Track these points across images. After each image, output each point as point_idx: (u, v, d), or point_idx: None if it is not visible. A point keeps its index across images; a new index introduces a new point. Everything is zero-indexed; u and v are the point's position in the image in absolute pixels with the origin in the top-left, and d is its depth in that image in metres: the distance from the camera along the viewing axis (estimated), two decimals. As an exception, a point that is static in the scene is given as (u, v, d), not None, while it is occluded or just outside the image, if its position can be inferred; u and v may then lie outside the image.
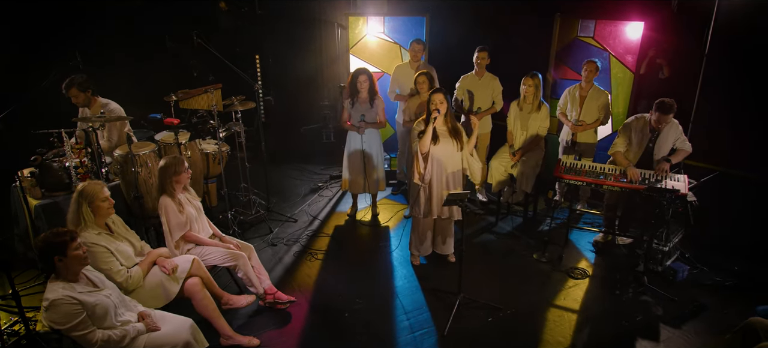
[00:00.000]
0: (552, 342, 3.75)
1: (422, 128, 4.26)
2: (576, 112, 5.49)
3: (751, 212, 5.11)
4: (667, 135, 4.59)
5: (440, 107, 4.16)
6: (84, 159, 4.24)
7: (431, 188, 4.37)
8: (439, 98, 4.18)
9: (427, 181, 4.34)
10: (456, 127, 4.34)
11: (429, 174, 4.33)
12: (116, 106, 4.90)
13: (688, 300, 4.20)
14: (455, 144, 4.30)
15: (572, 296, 4.32)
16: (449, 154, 4.31)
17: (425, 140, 4.19)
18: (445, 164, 4.32)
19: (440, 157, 4.30)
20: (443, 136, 4.28)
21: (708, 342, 3.70)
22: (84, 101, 4.76)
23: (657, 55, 5.82)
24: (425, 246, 4.72)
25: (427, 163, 4.29)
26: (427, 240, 4.71)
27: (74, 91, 4.66)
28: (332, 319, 4.02)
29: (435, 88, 4.36)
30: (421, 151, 4.25)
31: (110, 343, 2.75)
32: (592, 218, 5.66)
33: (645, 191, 4.26)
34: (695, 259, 4.68)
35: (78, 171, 4.23)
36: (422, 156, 4.27)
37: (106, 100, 4.87)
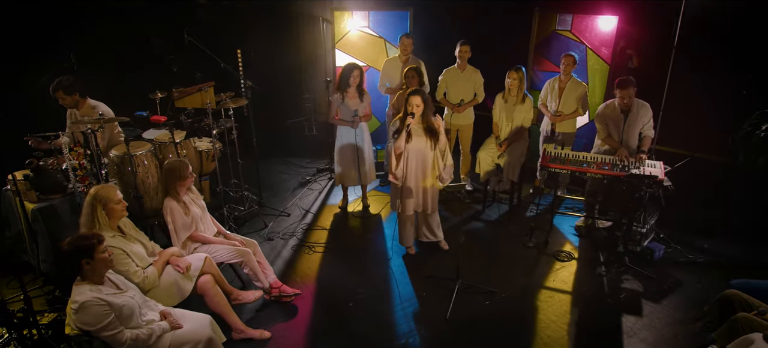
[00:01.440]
0: (545, 321, 4.02)
1: (398, 126, 4.42)
2: (555, 103, 5.76)
3: (716, 193, 5.54)
4: (638, 115, 4.91)
5: (415, 110, 4.31)
6: (83, 161, 4.23)
7: (408, 185, 4.55)
8: (417, 101, 4.32)
9: (402, 178, 4.51)
10: (431, 126, 4.48)
11: (402, 171, 4.50)
12: (107, 109, 4.88)
13: (665, 277, 4.55)
14: (429, 142, 4.47)
15: (560, 278, 4.61)
16: (424, 152, 4.48)
17: (399, 141, 4.36)
18: (420, 162, 4.49)
19: (415, 155, 4.47)
20: (418, 135, 4.43)
21: (686, 315, 4.05)
22: (71, 103, 4.72)
23: (627, 46, 6.14)
24: (408, 237, 4.90)
25: (399, 161, 4.46)
26: (409, 231, 4.90)
27: (61, 93, 4.62)
28: (337, 309, 4.19)
29: (412, 90, 4.44)
30: (395, 151, 4.42)
31: (138, 341, 2.84)
32: (572, 203, 5.98)
33: (626, 178, 4.56)
34: (669, 239, 5.05)
35: (77, 173, 4.23)
36: (396, 156, 4.44)
37: (96, 102, 4.84)
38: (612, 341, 3.79)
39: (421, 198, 4.62)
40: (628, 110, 4.87)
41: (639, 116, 4.88)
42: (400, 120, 4.44)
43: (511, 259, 4.92)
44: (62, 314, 3.80)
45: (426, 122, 4.44)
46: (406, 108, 4.33)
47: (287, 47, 8.54)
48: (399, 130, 4.37)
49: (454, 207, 5.68)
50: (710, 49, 5.59)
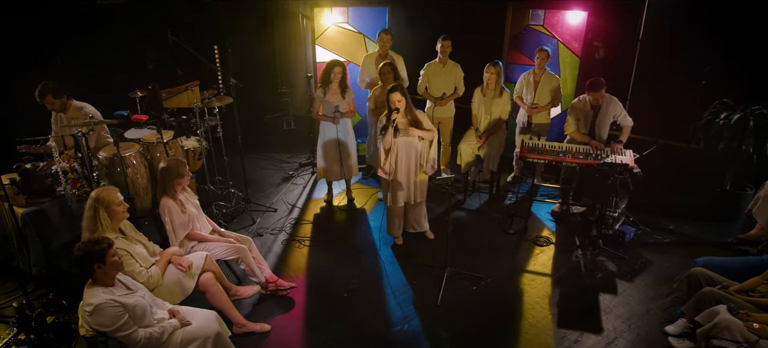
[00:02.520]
0: (530, 303, 4.29)
1: (384, 123, 4.59)
2: (531, 95, 6.02)
3: (681, 177, 5.93)
4: (607, 109, 5.24)
5: (399, 105, 4.49)
6: (74, 164, 4.24)
7: (397, 178, 4.74)
8: (397, 97, 4.49)
9: (391, 173, 4.70)
10: (416, 119, 4.68)
11: (391, 166, 4.69)
12: (92, 108, 4.87)
13: (636, 257, 4.90)
14: (416, 133, 4.67)
15: (540, 261, 4.90)
16: (412, 146, 4.67)
17: (387, 137, 4.54)
18: (408, 155, 4.69)
19: (404, 149, 4.66)
20: (404, 128, 4.62)
21: (657, 291, 4.39)
22: (60, 107, 4.70)
23: (594, 38, 6.46)
24: (396, 228, 5.10)
25: (387, 156, 4.65)
26: (397, 222, 5.09)
27: (50, 98, 4.59)
28: (333, 300, 4.35)
29: (392, 86, 4.60)
30: (383, 146, 4.59)
31: (152, 340, 2.94)
32: (547, 190, 6.28)
33: (599, 166, 4.86)
34: (639, 222, 5.41)
35: (68, 176, 4.24)
36: (384, 151, 4.62)
37: (81, 104, 4.82)
38: (591, 318, 4.08)
39: (411, 190, 4.81)
40: (598, 106, 5.18)
41: (608, 111, 5.19)
42: (386, 117, 4.59)
43: (494, 245, 5.18)
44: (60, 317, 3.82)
45: (410, 115, 4.62)
46: (389, 105, 4.49)
47: (263, 43, 8.57)
48: (386, 127, 4.52)
49: (437, 197, 5.89)
50: (672, 41, 5.95)
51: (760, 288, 3.61)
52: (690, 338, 3.74)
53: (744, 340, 3.17)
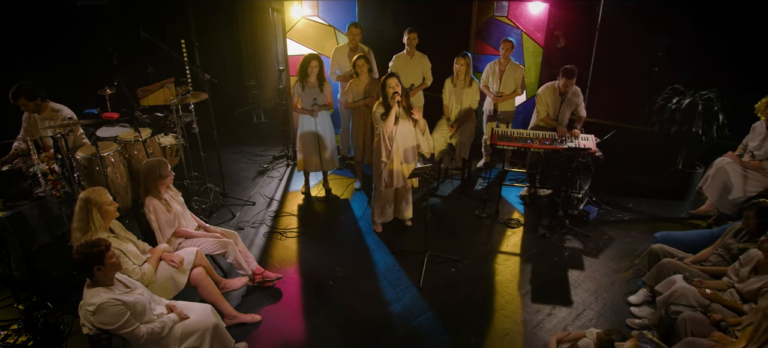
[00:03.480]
0: (504, 281, 4.57)
1: (382, 111, 4.76)
2: (496, 84, 6.29)
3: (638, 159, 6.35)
4: (572, 98, 5.57)
5: (397, 89, 4.68)
6: (53, 165, 4.21)
7: (393, 163, 4.93)
8: (394, 82, 4.68)
9: (392, 158, 4.89)
10: (410, 105, 4.89)
11: (393, 150, 4.88)
12: (69, 111, 4.82)
13: (599, 235, 5.27)
14: (410, 120, 4.87)
15: (512, 242, 5.19)
16: (406, 131, 4.87)
17: (389, 122, 4.70)
18: (402, 140, 4.88)
19: (398, 134, 4.85)
20: (400, 116, 4.82)
21: (620, 265, 4.76)
22: (34, 108, 4.64)
23: (556, 28, 6.78)
24: (387, 214, 5.30)
25: (392, 142, 4.83)
26: (389, 208, 5.29)
27: (23, 100, 4.53)
28: (319, 288, 4.51)
29: (388, 73, 4.81)
30: (386, 131, 4.76)
31: (153, 335, 3.03)
32: (515, 175, 6.60)
33: (564, 151, 5.18)
34: (601, 202, 5.78)
35: (48, 178, 4.21)
36: (387, 136, 4.79)
37: (59, 106, 4.77)
38: (561, 293, 4.40)
39: (402, 177, 5.00)
40: (565, 93, 5.49)
41: (573, 100, 5.51)
42: (382, 104, 4.73)
43: (468, 229, 5.44)
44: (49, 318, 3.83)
45: (405, 102, 4.80)
46: (386, 91, 4.64)
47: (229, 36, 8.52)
48: (386, 113, 4.67)
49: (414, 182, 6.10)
50: (628, 30, 6.32)
51: (711, 258, 4.00)
52: (650, 306, 4.10)
53: (698, 305, 3.52)
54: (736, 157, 5.05)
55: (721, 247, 3.99)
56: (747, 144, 5.04)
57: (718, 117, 5.41)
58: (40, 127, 4.66)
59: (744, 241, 3.87)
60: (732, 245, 3.92)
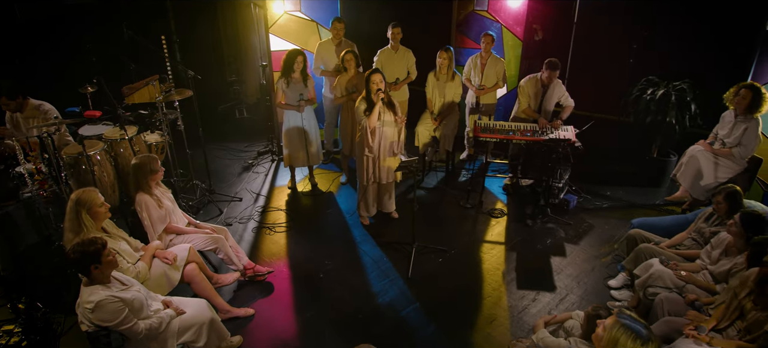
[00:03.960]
0: (490, 269, 4.72)
1: (365, 107, 4.84)
2: (478, 77, 6.42)
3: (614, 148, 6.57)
4: (554, 91, 5.73)
5: (381, 86, 4.76)
6: (40, 165, 4.19)
7: (376, 158, 5.02)
8: (378, 78, 4.76)
9: (375, 152, 4.98)
10: (391, 100, 4.99)
11: (376, 145, 4.96)
12: (50, 106, 4.78)
13: (580, 222, 5.45)
14: (392, 115, 4.97)
15: (496, 231, 5.34)
16: (389, 125, 4.96)
17: (373, 117, 4.79)
18: (385, 135, 4.98)
19: (382, 129, 4.94)
20: (382, 110, 4.90)
21: (600, 251, 4.95)
22: (15, 107, 4.59)
23: (533, 21, 6.93)
24: (371, 208, 5.39)
25: (374, 137, 4.91)
26: (371, 202, 5.39)
27: (4, 99, 4.48)
28: (310, 281, 4.58)
29: (373, 69, 4.88)
30: (369, 126, 4.84)
31: (152, 330, 3.08)
32: (497, 166, 6.76)
33: (546, 142, 5.34)
34: (580, 190, 5.97)
35: (35, 178, 4.19)
36: (370, 131, 4.88)
37: (39, 102, 4.73)
38: (545, 279, 4.56)
39: (384, 172, 5.08)
40: (548, 86, 5.64)
41: (555, 91, 5.68)
42: (365, 100, 4.80)
43: (454, 219, 5.57)
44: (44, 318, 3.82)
45: (387, 97, 4.89)
46: (370, 87, 4.71)
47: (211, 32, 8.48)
48: (369, 109, 4.74)
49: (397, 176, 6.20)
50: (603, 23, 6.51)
51: (686, 242, 4.20)
52: (629, 289, 4.29)
53: (674, 286, 3.71)
54: (708, 145, 5.27)
55: (695, 232, 4.19)
56: (717, 132, 5.26)
57: (690, 107, 5.63)
58: (24, 127, 4.61)
59: (715, 225, 4.08)
60: (704, 229, 4.12)
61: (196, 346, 3.35)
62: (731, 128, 5.06)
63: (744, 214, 3.55)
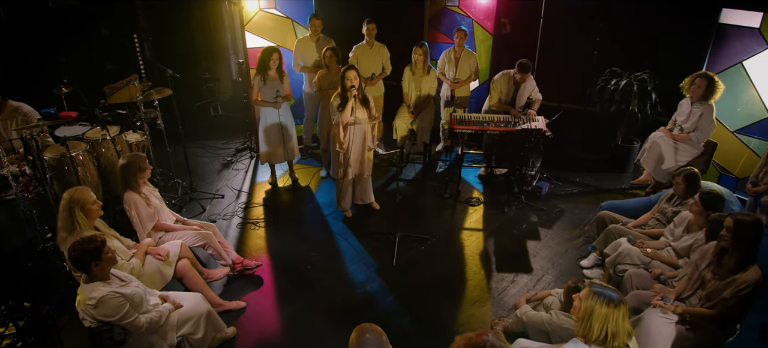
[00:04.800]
0: (470, 255, 4.95)
1: (339, 102, 4.97)
2: (452, 71, 6.64)
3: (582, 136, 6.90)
4: (526, 87, 6.00)
5: (355, 83, 4.90)
6: (24, 167, 4.18)
7: (349, 152, 5.17)
8: (353, 75, 4.89)
9: (346, 147, 5.12)
10: (365, 97, 5.14)
11: (348, 141, 5.11)
12: (29, 108, 4.74)
13: (552, 207, 5.75)
14: (366, 111, 5.11)
15: (474, 219, 5.58)
16: (361, 121, 5.11)
17: (346, 113, 4.93)
18: (358, 131, 5.12)
19: (354, 125, 5.08)
20: (356, 107, 5.04)
21: (571, 233, 5.25)
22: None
23: (502, 15, 7.19)
24: (347, 201, 5.54)
25: (346, 132, 5.05)
26: (348, 196, 5.53)
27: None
28: (297, 272, 4.71)
29: (348, 66, 5.00)
30: (342, 122, 4.98)
31: (152, 323, 3.16)
32: (472, 156, 7.01)
33: (518, 132, 5.60)
34: (552, 177, 6.28)
35: (19, 180, 4.17)
36: (343, 127, 5.01)
37: (18, 104, 4.69)
38: (522, 262, 4.82)
39: (360, 165, 5.24)
40: (520, 83, 5.91)
41: (527, 87, 5.95)
42: (340, 96, 4.94)
43: (433, 209, 5.78)
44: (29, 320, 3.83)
45: (361, 93, 5.03)
46: (345, 83, 4.84)
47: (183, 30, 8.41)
48: (343, 104, 4.88)
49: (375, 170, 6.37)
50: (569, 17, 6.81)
51: (650, 222, 4.52)
52: (600, 267, 4.58)
53: (641, 263, 4.01)
54: (668, 131, 5.63)
55: (658, 212, 4.52)
56: (676, 119, 5.63)
57: (651, 96, 6.00)
58: (2, 129, 4.57)
59: (676, 205, 4.40)
60: (667, 209, 4.44)
61: (195, 337, 3.45)
62: (688, 114, 5.43)
63: (703, 194, 3.87)
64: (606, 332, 2.45)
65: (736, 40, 5.43)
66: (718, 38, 5.57)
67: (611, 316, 2.40)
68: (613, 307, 2.42)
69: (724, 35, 5.52)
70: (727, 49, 5.53)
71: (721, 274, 3.16)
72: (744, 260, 3.05)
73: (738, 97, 5.52)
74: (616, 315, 2.40)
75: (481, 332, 2.16)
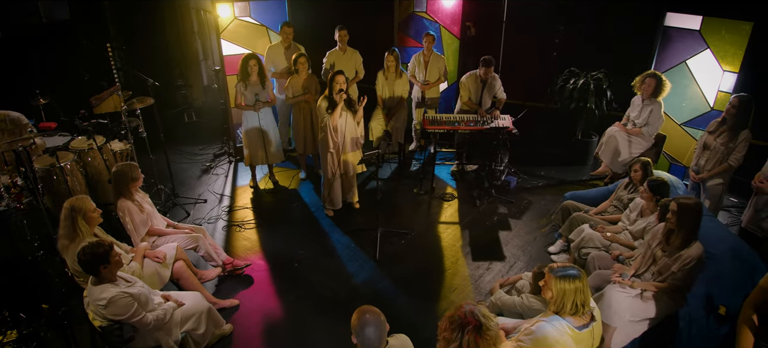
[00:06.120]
0: (447, 246, 5.30)
1: (327, 105, 5.25)
2: (422, 74, 6.99)
3: (544, 132, 7.37)
4: (492, 84, 6.41)
5: (343, 86, 5.18)
6: (16, 178, 4.27)
7: (339, 153, 5.45)
8: (342, 79, 5.18)
9: (336, 148, 5.40)
10: (350, 99, 5.43)
11: (337, 141, 5.38)
12: (17, 114, 4.81)
13: (520, 200, 6.17)
14: (351, 113, 5.41)
15: (449, 213, 5.94)
16: (349, 123, 5.40)
17: (335, 115, 5.21)
18: (345, 131, 5.42)
19: (342, 126, 5.38)
20: (343, 109, 5.33)
21: (539, 223, 5.67)
22: None
23: (466, 19, 7.59)
24: (337, 200, 5.82)
25: (337, 133, 5.33)
26: (338, 195, 5.81)
27: None
28: (286, 271, 4.96)
29: (336, 71, 5.28)
30: (332, 124, 5.26)
31: (158, 320, 3.37)
32: (444, 154, 7.38)
33: (487, 131, 5.99)
34: (519, 172, 6.71)
35: (11, 191, 4.27)
36: (333, 128, 5.29)
37: (5, 112, 4.75)
38: (495, 250, 5.21)
39: (347, 165, 5.51)
40: (486, 80, 6.30)
41: (492, 86, 6.35)
42: (327, 99, 5.20)
43: (410, 205, 6.12)
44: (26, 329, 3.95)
45: (347, 96, 5.31)
46: (333, 87, 5.11)
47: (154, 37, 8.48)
48: (332, 107, 5.13)
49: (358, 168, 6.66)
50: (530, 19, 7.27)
51: (609, 209, 4.98)
52: (566, 252, 5.01)
53: (602, 246, 4.44)
54: (622, 126, 6.13)
55: (616, 200, 4.97)
56: (629, 115, 6.13)
57: (606, 93, 6.50)
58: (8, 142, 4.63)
59: (631, 193, 4.87)
60: (623, 197, 4.91)
61: (197, 333, 3.66)
62: (640, 111, 5.93)
63: (651, 181, 4.33)
64: (577, 304, 2.81)
65: (680, 41, 5.97)
66: (665, 39, 6.10)
67: (580, 288, 2.77)
68: (577, 281, 2.79)
69: (670, 37, 6.05)
70: (672, 50, 6.06)
71: (670, 252, 3.61)
72: (688, 238, 3.50)
73: (683, 93, 6.06)
74: (581, 286, 2.77)
75: (459, 306, 2.47)
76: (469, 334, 2.37)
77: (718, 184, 5.00)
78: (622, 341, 3.71)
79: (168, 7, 8.40)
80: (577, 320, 2.81)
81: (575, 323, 2.81)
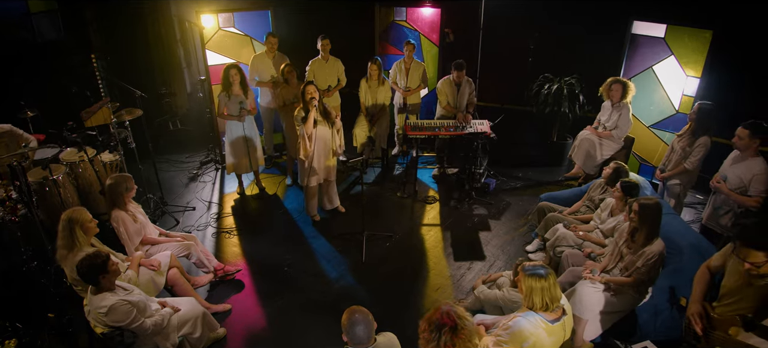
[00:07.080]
0: (430, 248, 5.54)
1: (303, 115, 5.42)
2: (404, 81, 7.22)
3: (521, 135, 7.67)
4: (466, 88, 6.67)
5: (315, 96, 5.37)
6: (11, 192, 4.38)
7: (314, 161, 5.63)
8: (312, 89, 5.34)
9: (311, 155, 5.58)
10: (326, 109, 5.62)
11: (312, 149, 5.57)
12: (9, 126, 4.91)
13: (499, 201, 6.44)
14: (327, 123, 5.59)
15: (431, 215, 6.19)
16: (323, 131, 5.57)
17: (309, 124, 5.37)
18: (321, 139, 5.58)
19: (320, 135, 5.56)
20: (317, 117, 5.48)
21: (517, 223, 5.95)
22: None
23: (445, 26, 7.85)
24: (313, 205, 5.99)
25: (311, 143, 5.51)
26: (315, 200, 6.00)
27: None
28: (276, 274, 5.14)
29: (307, 81, 5.47)
30: (306, 132, 5.43)
31: (157, 326, 3.53)
32: (426, 159, 7.63)
33: (466, 135, 6.24)
34: (498, 174, 6.99)
35: (6, 205, 4.37)
36: (307, 136, 5.47)
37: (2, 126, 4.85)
38: (476, 250, 5.46)
39: (324, 172, 5.71)
40: (460, 83, 6.56)
41: (466, 89, 6.62)
42: (302, 109, 5.38)
43: (393, 209, 6.35)
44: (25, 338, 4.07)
45: (321, 105, 5.50)
46: (305, 97, 5.29)
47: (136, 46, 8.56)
48: (305, 117, 5.32)
49: (339, 175, 6.87)
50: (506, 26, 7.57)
51: (582, 209, 5.27)
52: (542, 251, 5.28)
53: (575, 244, 4.72)
54: (594, 129, 6.44)
55: (588, 200, 5.27)
56: (600, 119, 6.45)
57: (579, 97, 6.82)
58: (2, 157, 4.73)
59: (602, 193, 5.17)
60: (595, 197, 5.20)
61: (194, 337, 3.84)
62: (609, 114, 6.25)
63: (624, 182, 4.62)
64: (546, 301, 3.06)
65: (647, 48, 6.31)
66: (632, 46, 6.43)
67: (547, 287, 3.02)
68: (543, 281, 3.04)
69: (637, 44, 6.39)
70: (639, 56, 6.40)
71: (634, 249, 3.89)
72: (650, 236, 3.78)
73: (650, 97, 6.40)
74: (549, 284, 3.02)
75: (437, 308, 2.70)
76: (446, 335, 2.60)
77: (675, 184, 5.36)
78: (593, 333, 3.99)
79: (150, 16, 8.48)
80: (550, 315, 3.07)
81: (548, 317, 3.06)
